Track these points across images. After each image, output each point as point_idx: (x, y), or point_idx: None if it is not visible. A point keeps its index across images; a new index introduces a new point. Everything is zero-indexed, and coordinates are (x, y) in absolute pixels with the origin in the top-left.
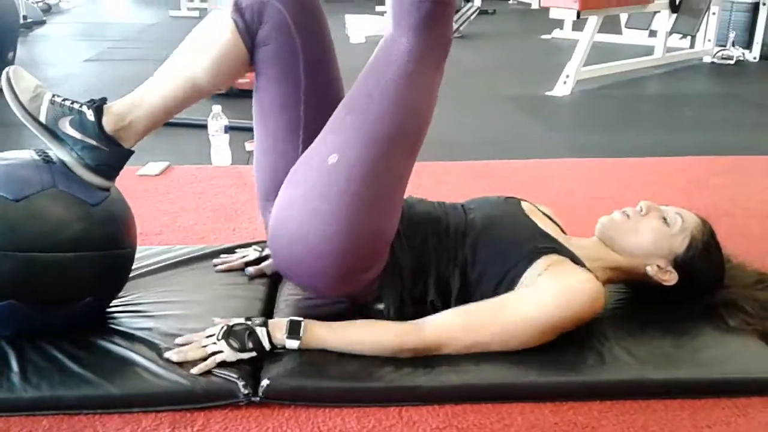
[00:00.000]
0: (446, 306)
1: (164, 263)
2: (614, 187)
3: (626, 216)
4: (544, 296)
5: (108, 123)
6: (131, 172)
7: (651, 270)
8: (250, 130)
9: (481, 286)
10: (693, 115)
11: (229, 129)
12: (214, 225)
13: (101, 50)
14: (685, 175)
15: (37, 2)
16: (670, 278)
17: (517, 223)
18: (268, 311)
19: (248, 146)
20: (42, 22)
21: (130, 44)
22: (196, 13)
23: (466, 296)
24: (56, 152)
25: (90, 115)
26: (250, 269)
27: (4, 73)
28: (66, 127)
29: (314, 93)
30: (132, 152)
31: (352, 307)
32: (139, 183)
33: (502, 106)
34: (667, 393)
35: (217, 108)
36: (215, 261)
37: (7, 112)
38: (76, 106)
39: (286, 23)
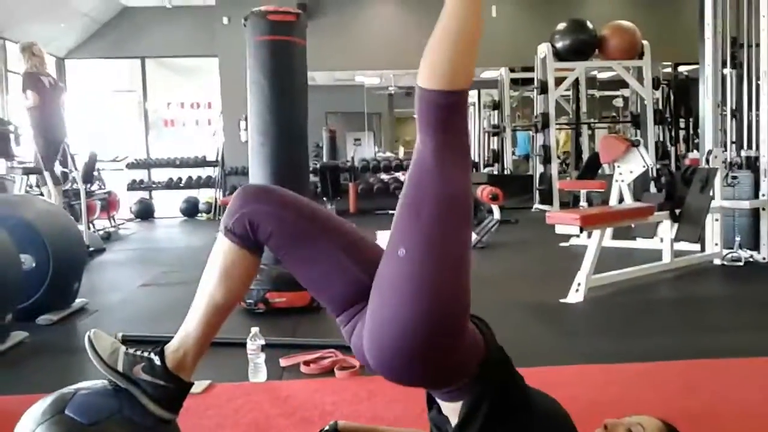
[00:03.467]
0: None
1: None
2: (615, 392)
3: None
4: None
5: (169, 362)
6: None
7: None
8: (284, 346)
9: None
10: (699, 318)
11: (265, 347)
12: None
13: (155, 275)
14: (682, 377)
15: (98, 231)
16: None
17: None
18: None
19: (282, 362)
20: (102, 250)
21: (180, 268)
22: None
23: None
24: (132, 393)
25: (157, 360)
26: None
27: (86, 337)
28: (140, 373)
29: (330, 235)
30: (192, 384)
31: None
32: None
33: (517, 314)
34: None
35: (254, 329)
36: None
37: (75, 339)
38: (145, 354)
39: (270, 212)
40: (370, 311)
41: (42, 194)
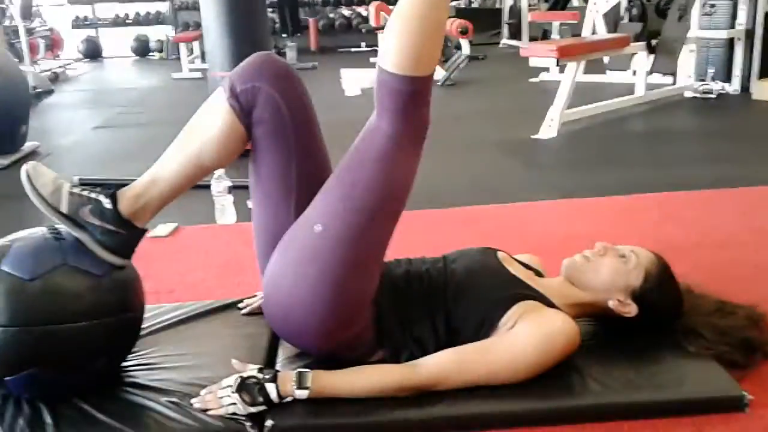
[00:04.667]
0: (437, 350)
1: (175, 319)
2: (590, 226)
3: (586, 258)
4: (528, 341)
5: (124, 207)
6: None
7: (612, 303)
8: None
9: (464, 332)
10: (671, 150)
11: (232, 189)
12: (221, 280)
13: (109, 116)
14: (659, 209)
15: (45, 71)
16: (631, 310)
17: (492, 273)
18: (271, 359)
19: (250, 204)
20: (50, 92)
21: (136, 109)
22: (198, 74)
23: (451, 342)
24: (79, 237)
25: (107, 203)
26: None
27: (23, 171)
28: (86, 215)
29: (304, 163)
30: (145, 230)
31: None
32: (150, 244)
33: (488, 151)
34: (631, 415)
35: (219, 170)
36: (239, 306)
37: (8, 184)
38: (93, 195)
39: (276, 104)
40: (270, 271)
41: None
